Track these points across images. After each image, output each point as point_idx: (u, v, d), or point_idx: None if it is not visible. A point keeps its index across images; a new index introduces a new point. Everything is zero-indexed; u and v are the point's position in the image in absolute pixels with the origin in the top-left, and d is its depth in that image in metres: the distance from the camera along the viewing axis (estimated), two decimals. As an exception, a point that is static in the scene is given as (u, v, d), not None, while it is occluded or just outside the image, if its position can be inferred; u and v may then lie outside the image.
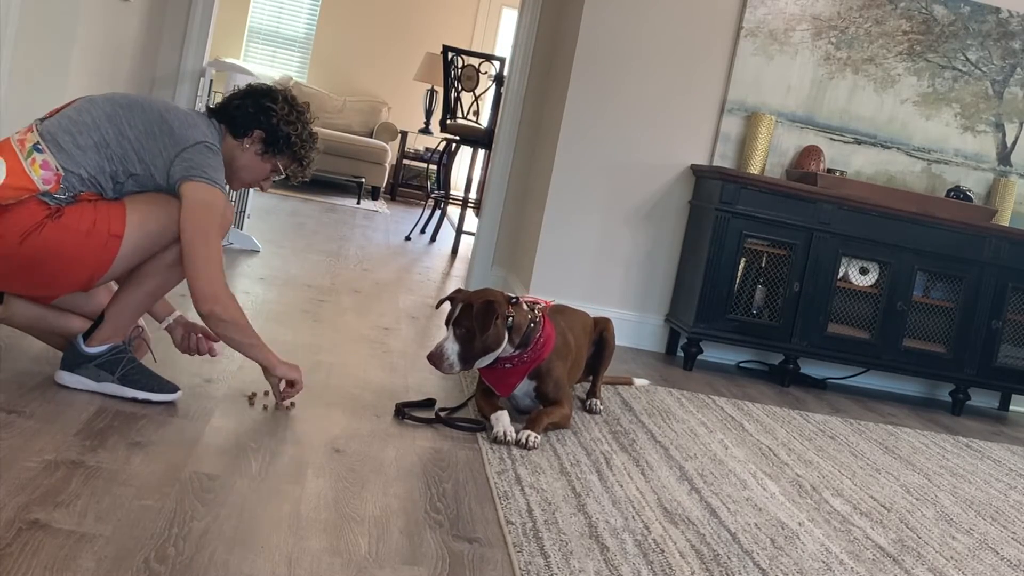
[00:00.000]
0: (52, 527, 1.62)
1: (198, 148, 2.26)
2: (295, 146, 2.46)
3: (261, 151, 2.43)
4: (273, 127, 2.41)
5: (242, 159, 2.43)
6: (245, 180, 2.49)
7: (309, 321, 3.55)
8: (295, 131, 2.44)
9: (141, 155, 2.24)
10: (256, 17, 9.67)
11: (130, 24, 4.28)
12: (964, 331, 4.13)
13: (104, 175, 2.22)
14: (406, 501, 2.04)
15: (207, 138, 2.29)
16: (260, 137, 2.42)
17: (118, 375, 2.29)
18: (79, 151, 2.20)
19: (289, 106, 2.45)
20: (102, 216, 2.19)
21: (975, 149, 4.42)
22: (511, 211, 4.93)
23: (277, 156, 2.46)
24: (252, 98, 2.43)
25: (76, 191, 2.19)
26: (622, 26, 4.18)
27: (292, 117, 2.44)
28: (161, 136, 2.25)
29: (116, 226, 2.19)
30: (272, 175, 2.50)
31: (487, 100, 6.78)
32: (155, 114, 2.28)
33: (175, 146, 2.24)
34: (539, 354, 2.68)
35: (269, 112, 2.41)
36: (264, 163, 2.46)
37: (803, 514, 2.42)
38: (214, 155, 2.29)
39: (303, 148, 2.48)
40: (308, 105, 2.54)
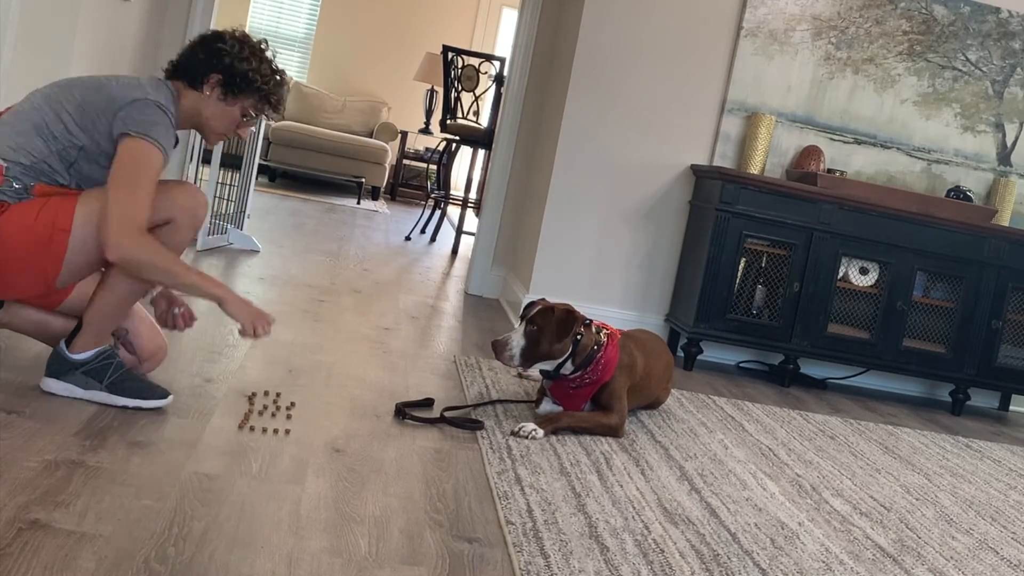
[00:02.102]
0: (52, 527, 1.62)
1: (136, 105, 2.17)
2: (255, 82, 2.34)
3: (222, 95, 2.33)
4: (228, 67, 2.31)
5: (207, 109, 2.35)
6: (218, 130, 2.39)
7: (309, 321, 3.55)
8: (251, 66, 2.33)
9: (83, 124, 2.17)
10: (256, 17, 9.67)
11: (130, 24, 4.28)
12: (964, 331, 4.13)
13: (51, 156, 2.16)
14: (406, 501, 2.04)
15: (147, 95, 2.20)
16: (218, 81, 2.32)
17: (106, 383, 2.24)
18: (20, 136, 2.15)
19: (239, 43, 2.35)
20: (48, 210, 2.12)
21: (975, 149, 4.42)
22: (511, 211, 4.93)
23: (240, 97, 2.35)
24: (201, 44, 2.36)
25: (24, 183, 2.13)
26: (622, 26, 4.18)
27: (245, 53, 2.34)
28: (99, 102, 2.18)
29: (62, 219, 2.12)
30: (245, 120, 2.41)
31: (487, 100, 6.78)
32: (93, 83, 2.21)
33: (113, 106, 2.17)
34: (600, 376, 2.76)
35: (220, 53, 2.31)
36: (230, 107, 2.36)
37: (803, 514, 2.42)
38: (153, 111, 2.19)
39: (266, 83, 2.37)
40: (266, 42, 2.45)
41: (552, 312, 2.69)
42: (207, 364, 2.72)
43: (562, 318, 2.67)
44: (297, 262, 4.81)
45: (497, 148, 4.95)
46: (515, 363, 2.69)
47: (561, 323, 2.67)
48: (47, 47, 3.42)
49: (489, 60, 6.63)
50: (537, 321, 2.68)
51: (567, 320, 2.68)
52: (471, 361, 3.39)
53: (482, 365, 3.36)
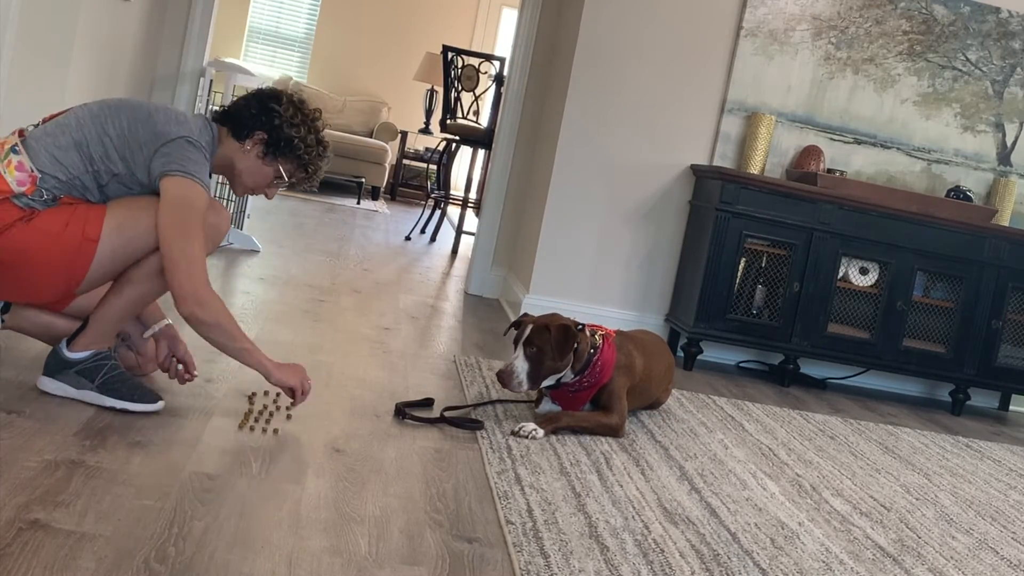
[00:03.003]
0: (52, 527, 1.62)
1: (178, 143, 2.18)
2: (298, 150, 2.36)
3: (262, 154, 2.35)
4: (275, 128, 2.32)
5: (243, 162, 2.35)
6: (247, 185, 2.40)
7: (309, 321, 3.55)
8: (298, 134, 2.34)
9: (122, 152, 2.17)
10: (256, 17, 9.66)
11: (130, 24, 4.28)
12: (964, 331, 4.13)
13: (86, 175, 2.17)
14: (406, 501, 2.04)
15: (191, 134, 2.21)
16: (261, 139, 2.33)
17: (97, 383, 2.22)
18: (59, 151, 2.15)
19: (295, 108, 2.36)
20: (78, 219, 2.13)
21: (975, 149, 4.42)
22: (511, 211, 4.93)
23: (279, 160, 2.36)
24: (256, 99, 2.36)
25: (55, 194, 2.14)
26: (622, 26, 4.18)
27: (297, 120, 2.35)
28: (143, 133, 2.18)
29: (92, 229, 2.12)
30: (276, 181, 2.41)
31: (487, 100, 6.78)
32: (142, 112, 2.22)
33: (155, 141, 2.17)
34: (598, 378, 2.76)
35: (272, 113, 2.33)
36: (266, 167, 2.37)
37: (803, 514, 2.42)
38: (196, 151, 2.20)
39: (308, 153, 2.38)
40: (320, 112, 2.44)
41: (548, 330, 2.68)
42: (207, 364, 2.72)
43: (560, 336, 2.67)
44: (297, 262, 4.81)
45: (497, 148, 4.95)
46: (524, 388, 2.69)
47: (561, 341, 2.67)
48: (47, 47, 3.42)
49: (489, 60, 6.63)
50: (536, 342, 2.68)
51: (566, 336, 2.68)
52: (471, 361, 3.39)
53: (482, 365, 3.36)
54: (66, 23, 3.55)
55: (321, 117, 2.44)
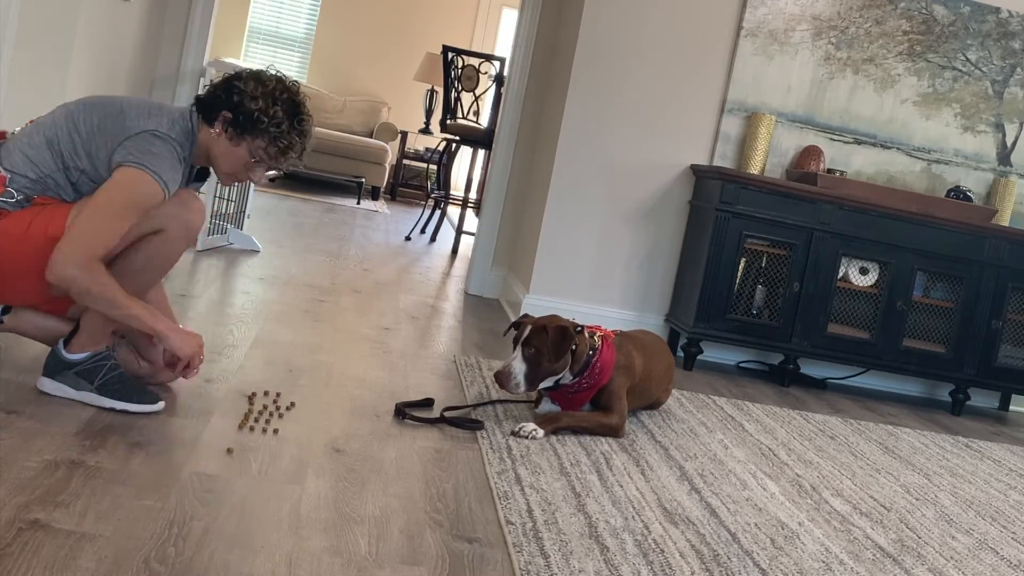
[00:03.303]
0: (52, 527, 1.62)
1: (142, 136, 2.12)
2: (261, 124, 2.22)
3: (230, 134, 2.24)
4: (237, 106, 2.21)
5: (216, 148, 2.26)
6: (226, 170, 2.30)
7: (309, 321, 3.55)
8: (258, 107, 2.21)
9: (88, 148, 2.14)
10: (256, 17, 9.66)
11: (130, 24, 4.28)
12: (964, 331, 4.13)
13: (58, 173, 2.15)
14: (406, 501, 2.04)
15: (159, 127, 2.14)
16: (226, 119, 2.23)
17: (96, 384, 2.21)
18: (32, 149, 2.14)
19: (256, 82, 2.24)
20: (41, 219, 2.10)
21: (975, 149, 4.42)
22: (511, 211, 4.93)
23: (247, 138, 2.24)
24: (224, 81, 2.28)
25: (26, 194, 2.12)
26: (622, 26, 4.18)
27: (257, 92, 2.22)
28: (112, 128, 2.14)
29: (53, 228, 2.09)
30: (254, 163, 2.30)
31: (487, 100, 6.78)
32: (115, 108, 2.17)
33: (120, 135, 2.13)
34: (597, 380, 2.76)
35: (232, 90, 2.22)
36: (237, 148, 2.25)
37: (803, 514, 2.42)
38: (161, 144, 2.13)
39: (276, 126, 2.24)
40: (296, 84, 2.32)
41: (546, 331, 2.68)
42: (207, 364, 2.72)
43: (557, 337, 2.67)
44: (297, 262, 4.81)
45: (497, 148, 4.95)
46: (522, 389, 2.69)
47: (557, 342, 2.67)
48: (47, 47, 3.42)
49: (489, 60, 6.63)
50: (533, 343, 2.68)
51: (563, 337, 2.67)
52: (471, 361, 3.39)
53: (482, 365, 3.36)
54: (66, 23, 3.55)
55: (297, 89, 2.31)
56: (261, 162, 2.31)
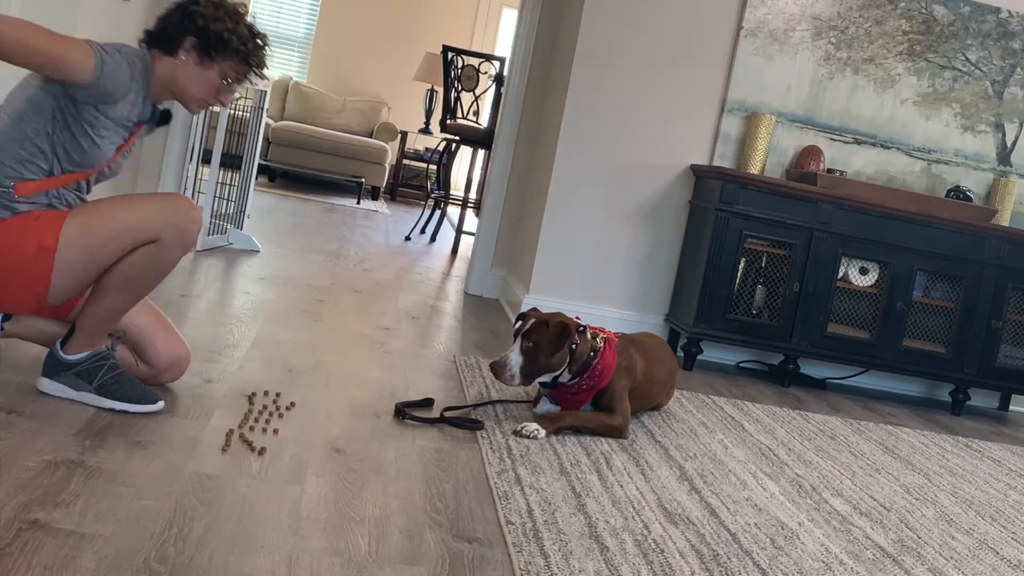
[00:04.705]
0: (52, 527, 1.62)
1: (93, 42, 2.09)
2: (231, 43, 2.24)
3: (198, 59, 2.24)
4: (202, 28, 2.22)
5: (184, 75, 2.25)
6: (196, 96, 2.29)
7: (309, 321, 3.55)
8: (226, 26, 2.24)
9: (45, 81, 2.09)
10: (256, 17, 9.66)
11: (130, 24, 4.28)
12: (964, 331, 4.13)
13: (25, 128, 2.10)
14: (406, 501, 2.04)
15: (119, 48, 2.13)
16: (193, 44, 2.22)
17: (95, 384, 2.21)
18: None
19: (214, 5, 2.26)
20: (35, 229, 2.10)
21: (975, 149, 4.42)
22: (511, 211, 4.93)
23: (217, 59, 2.25)
24: (175, 9, 2.28)
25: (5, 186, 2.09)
26: (622, 26, 4.18)
27: (220, 14, 2.25)
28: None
29: (48, 238, 2.10)
30: (225, 85, 2.31)
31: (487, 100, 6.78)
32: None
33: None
34: (597, 382, 2.75)
35: (193, 16, 2.23)
36: (207, 71, 2.26)
37: (803, 514, 2.42)
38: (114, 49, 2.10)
39: (244, 44, 2.27)
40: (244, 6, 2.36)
41: (546, 326, 2.68)
42: (207, 364, 2.72)
43: (557, 332, 2.67)
44: (297, 262, 4.81)
45: (497, 148, 4.95)
46: (516, 382, 2.69)
47: (556, 337, 2.66)
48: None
49: (489, 60, 6.63)
50: (533, 337, 2.68)
51: (562, 333, 2.67)
52: (471, 361, 3.39)
53: (482, 365, 3.36)
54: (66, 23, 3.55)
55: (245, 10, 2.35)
56: (232, 82, 2.32)
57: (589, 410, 2.81)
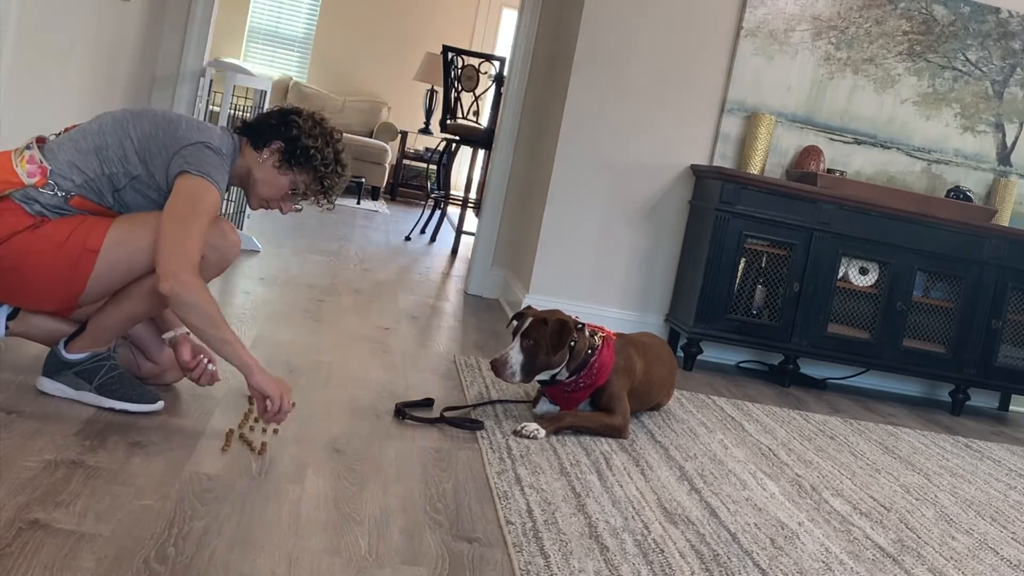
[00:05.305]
0: (52, 527, 1.62)
1: (198, 147, 2.21)
2: (314, 160, 2.36)
3: (278, 163, 2.36)
4: (292, 139, 2.34)
5: (260, 172, 2.36)
6: (262, 195, 2.40)
7: (309, 321, 3.55)
8: (315, 144, 2.36)
9: (142, 155, 2.21)
10: (256, 17, 9.66)
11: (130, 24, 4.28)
12: (964, 331, 4.13)
13: (103, 179, 2.19)
14: (406, 501, 2.04)
15: (211, 140, 2.24)
16: (279, 148, 2.35)
17: (95, 384, 2.22)
18: (79, 155, 2.18)
19: (314, 122, 2.39)
20: (81, 229, 2.15)
21: (975, 149, 4.42)
22: (511, 211, 4.93)
23: (295, 170, 2.37)
24: (278, 112, 2.40)
25: (67, 193, 2.16)
26: (622, 26, 4.18)
27: (315, 132, 2.37)
28: (165, 136, 2.22)
29: (93, 240, 2.14)
30: (292, 194, 2.41)
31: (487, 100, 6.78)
32: (165, 118, 2.26)
33: (175, 144, 2.21)
34: (595, 380, 2.75)
35: (291, 124, 2.36)
36: (281, 177, 2.37)
37: (803, 514, 2.42)
38: (214, 155, 2.23)
39: (325, 166, 2.38)
40: (340, 133, 2.47)
41: (545, 324, 2.69)
42: (207, 364, 2.72)
43: (556, 329, 2.67)
44: (297, 262, 4.81)
45: (497, 148, 4.95)
46: (516, 379, 2.70)
47: (556, 334, 2.67)
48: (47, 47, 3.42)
49: (489, 60, 6.63)
50: (532, 335, 2.68)
51: (562, 330, 2.68)
52: (471, 361, 3.39)
53: (482, 365, 3.36)
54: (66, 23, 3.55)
55: (340, 137, 2.46)
56: (298, 194, 2.42)
57: (587, 409, 2.81)
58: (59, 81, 3.61)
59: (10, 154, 2.19)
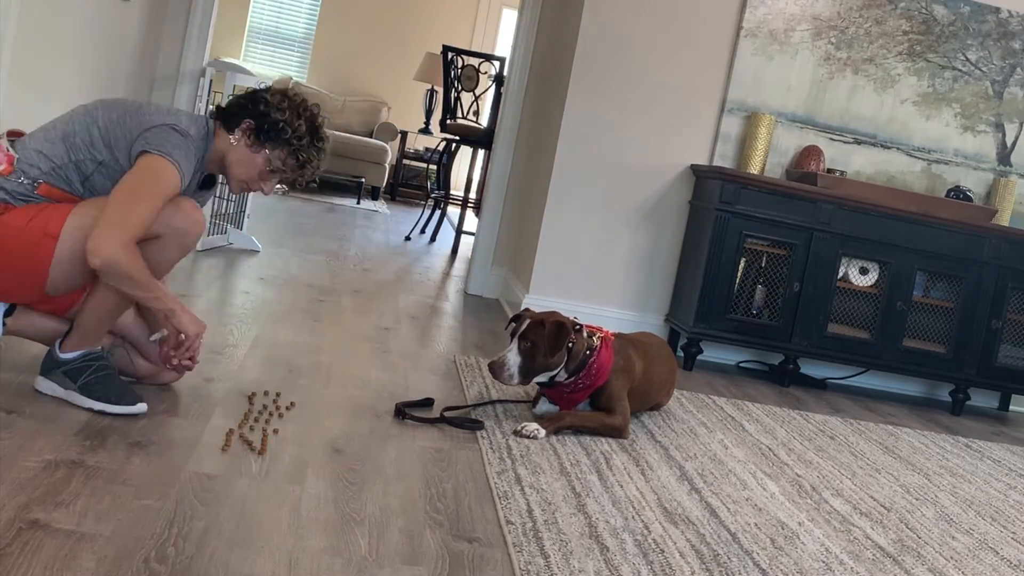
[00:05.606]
0: (52, 527, 1.62)
1: (162, 128, 2.17)
2: (285, 134, 2.31)
3: (250, 142, 2.31)
4: (261, 115, 2.30)
5: (233, 154, 2.33)
6: (240, 177, 2.36)
7: (309, 321, 3.55)
8: (284, 118, 2.30)
9: (107, 140, 2.18)
10: (256, 17, 9.66)
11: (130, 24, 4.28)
12: (964, 331, 4.13)
13: (69, 165, 2.17)
14: (406, 501, 2.04)
15: (177, 123, 2.20)
16: (249, 127, 2.30)
17: (79, 384, 2.20)
18: (47, 143, 2.17)
19: (282, 95, 2.33)
20: (41, 215, 2.12)
21: (975, 149, 4.42)
22: (511, 211, 4.93)
23: (267, 146, 2.32)
24: (249, 93, 2.36)
25: (33, 180, 2.15)
26: (622, 26, 4.18)
27: (284, 105, 2.31)
28: (130, 122, 2.19)
29: (52, 226, 2.11)
30: (269, 172, 2.36)
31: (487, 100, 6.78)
32: (135, 106, 2.23)
33: (140, 127, 2.18)
34: (594, 380, 2.75)
35: (258, 100, 2.32)
36: (255, 155, 2.32)
37: (803, 514, 2.42)
38: (179, 135, 2.18)
39: (298, 139, 2.33)
40: (317, 106, 2.41)
41: (543, 326, 2.68)
42: (207, 364, 2.72)
43: (554, 331, 2.67)
44: (297, 262, 4.81)
45: (497, 148, 4.95)
46: (515, 381, 2.70)
47: (554, 336, 2.66)
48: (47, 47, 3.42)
49: (489, 60, 6.63)
50: (530, 336, 2.68)
51: (560, 332, 2.67)
52: (471, 361, 3.39)
53: (482, 365, 3.36)
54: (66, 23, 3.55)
55: (318, 111, 2.40)
56: (276, 172, 2.37)
57: (587, 409, 2.81)
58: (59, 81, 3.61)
59: None
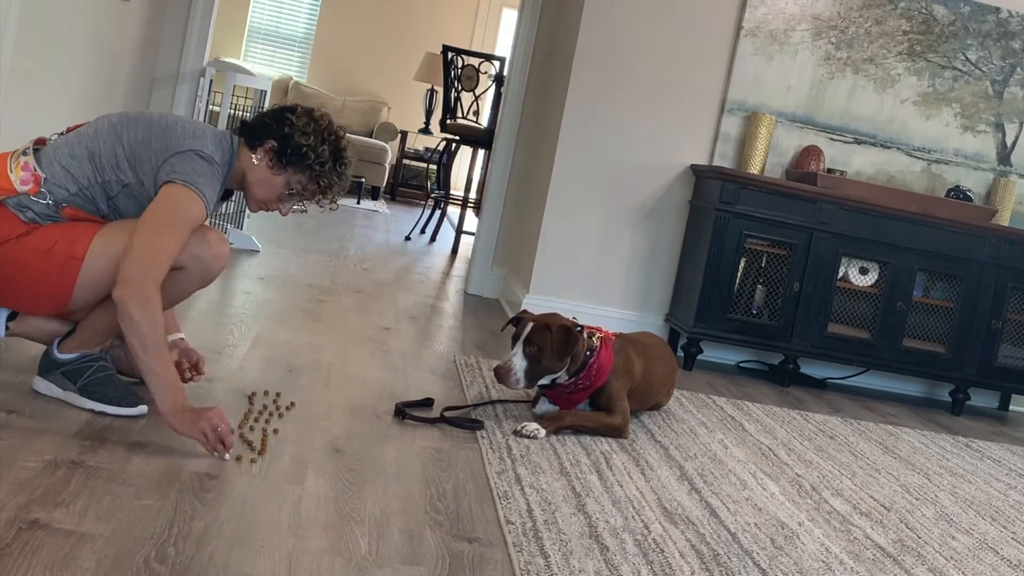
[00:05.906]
0: (52, 527, 1.62)
1: (187, 155, 2.15)
2: (308, 159, 2.27)
3: (271, 164, 2.28)
4: (285, 137, 2.26)
5: (254, 172, 2.30)
6: (258, 197, 2.33)
7: (309, 321, 3.55)
8: (308, 142, 2.27)
9: (132, 162, 2.17)
10: (256, 17, 9.66)
11: (130, 24, 4.28)
12: (964, 331, 4.13)
13: (96, 187, 2.17)
14: (406, 501, 2.04)
15: (204, 148, 2.18)
16: (271, 148, 2.27)
17: (79, 385, 2.20)
18: (72, 160, 2.16)
19: (309, 118, 2.30)
20: (67, 237, 2.13)
21: (975, 149, 4.42)
22: (511, 211, 4.93)
23: (289, 170, 2.29)
24: (273, 111, 2.33)
25: (59, 200, 2.15)
26: (622, 26, 4.18)
27: (308, 129, 2.28)
28: (156, 144, 2.17)
29: (78, 248, 2.12)
30: (288, 195, 2.33)
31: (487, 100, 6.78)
32: (160, 124, 2.21)
33: (166, 152, 2.16)
34: (593, 381, 2.75)
35: (284, 122, 2.28)
36: (275, 177, 2.29)
37: (803, 514, 2.42)
38: (205, 163, 2.17)
39: (320, 164, 2.29)
40: (342, 130, 2.36)
41: (549, 330, 2.68)
42: (207, 364, 2.72)
43: (563, 337, 2.67)
44: (297, 262, 4.81)
45: (497, 148, 4.95)
46: (521, 386, 2.70)
47: (562, 342, 2.67)
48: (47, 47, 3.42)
49: (489, 60, 6.63)
50: (536, 341, 2.68)
51: (568, 337, 2.67)
52: (471, 361, 3.39)
53: (482, 365, 3.36)
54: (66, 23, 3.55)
55: (343, 133, 2.36)
56: (295, 195, 2.35)
57: (587, 409, 2.81)
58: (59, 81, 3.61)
59: (7, 158, 2.17)
